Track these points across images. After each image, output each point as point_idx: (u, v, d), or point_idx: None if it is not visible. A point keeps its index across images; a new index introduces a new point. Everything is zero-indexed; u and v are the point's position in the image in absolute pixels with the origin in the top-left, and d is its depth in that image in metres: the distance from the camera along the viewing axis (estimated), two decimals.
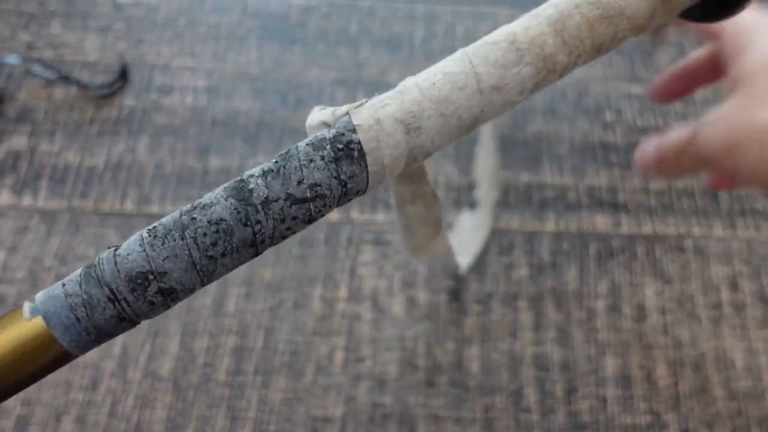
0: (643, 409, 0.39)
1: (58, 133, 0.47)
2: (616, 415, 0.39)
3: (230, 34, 0.52)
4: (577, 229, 0.45)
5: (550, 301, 0.42)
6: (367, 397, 0.39)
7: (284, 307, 0.42)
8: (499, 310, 0.42)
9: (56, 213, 0.44)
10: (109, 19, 0.52)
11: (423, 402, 0.39)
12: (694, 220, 0.45)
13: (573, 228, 0.45)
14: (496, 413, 0.39)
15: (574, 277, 0.43)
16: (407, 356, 0.40)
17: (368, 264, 0.43)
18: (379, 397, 0.39)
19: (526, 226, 0.45)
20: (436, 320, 0.42)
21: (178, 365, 0.40)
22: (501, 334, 0.41)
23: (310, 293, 0.42)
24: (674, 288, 0.43)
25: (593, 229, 0.45)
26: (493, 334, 0.41)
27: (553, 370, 0.40)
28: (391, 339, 0.41)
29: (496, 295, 0.42)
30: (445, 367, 0.40)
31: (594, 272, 0.43)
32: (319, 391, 0.39)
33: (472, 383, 0.39)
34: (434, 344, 0.41)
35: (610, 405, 0.39)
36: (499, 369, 0.40)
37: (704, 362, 0.41)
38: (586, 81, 0.50)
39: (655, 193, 0.46)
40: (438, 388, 0.39)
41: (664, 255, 0.44)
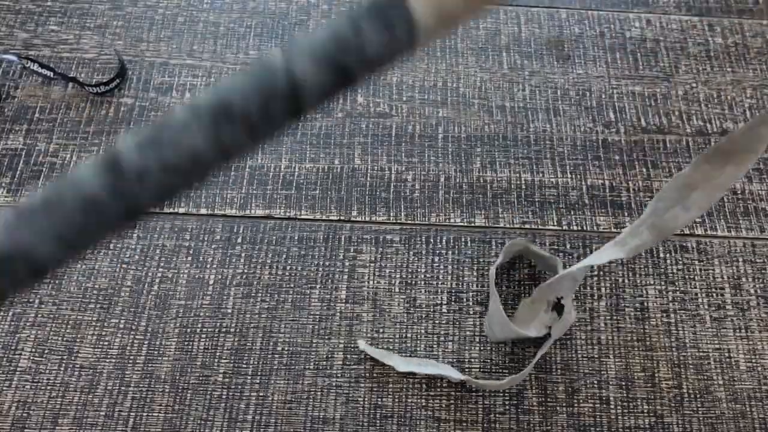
0: (645, 411, 0.39)
1: (56, 132, 0.47)
2: (618, 417, 0.38)
3: (229, 32, 0.52)
4: (579, 228, 0.44)
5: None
6: (367, 399, 0.39)
7: (283, 308, 0.41)
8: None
9: None
10: (107, 17, 0.52)
11: (423, 403, 0.39)
12: (698, 220, 0.45)
13: (575, 227, 0.44)
14: (497, 415, 0.38)
15: None
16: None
17: (368, 264, 0.43)
18: (379, 399, 0.39)
19: (527, 226, 0.44)
20: (436, 320, 0.41)
21: (176, 366, 0.39)
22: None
23: (310, 294, 0.42)
24: (677, 288, 0.42)
25: (595, 228, 0.44)
26: None
27: (555, 371, 0.40)
28: (391, 339, 0.40)
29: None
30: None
31: (596, 272, 0.43)
32: (319, 393, 0.39)
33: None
34: (434, 344, 0.40)
35: (612, 407, 0.39)
36: (500, 370, 0.40)
37: (707, 363, 0.40)
38: (589, 80, 0.50)
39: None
40: (438, 389, 0.39)
41: (667, 255, 0.43)
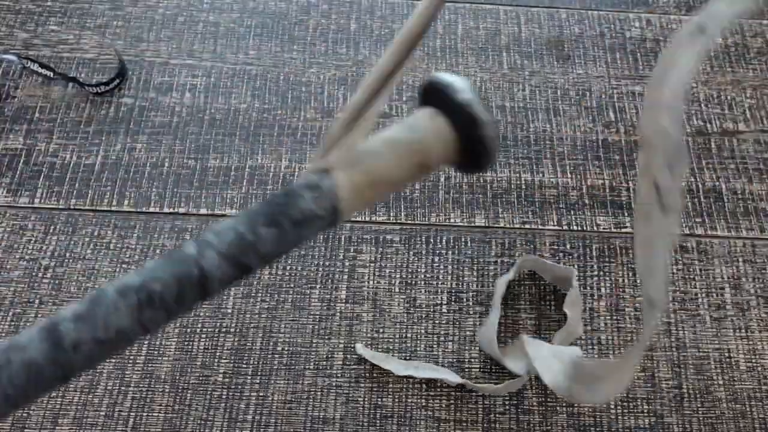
0: (645, 411, 0.39)
1: (56, 132, 0.47)
2: (618, 417, 0.38)
3: (229, 32, 0.52)
4: (579, 228, 0.44)
5: (552, 302, 0.42)
6: (367, 399, 0.39)
7: (283, 308, 0.41)
8: (500, 310, 0.41)
9: (53, 212, 0.44)
10: (107, 17, 0.52)
11: (423, 404, 0.39)
12: (698, 220, 0.45)
13: (575, 227, 0.44)
14: (497, 415, 0.38)
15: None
16: (407, 357, 0.40)
17: (368, 264, 0.43)
18: (379, 399, 0.39)
19: (527, 226, 0.44)
20: (436, 320, 0.41)
21: (176, 366, 0.39)
22: (502, 334, 0.41)
23: (310, 294, 0.42)
24: (677, 288, 0.42)
25: (595, 228, 0.44)
26: None
27: None
28: (391, 339, 0.40)
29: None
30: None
31: (596, 272, 0.43)
32: (319, 393, 0.39)
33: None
34: (434, 344, 0.40)
35: (612, 407, 0.39)
36: (500, 370, 0.40)
37: (707, 363, 0.40)
38: (589, 80, 0.50)
39: None
40: (438, 389, 0.39)
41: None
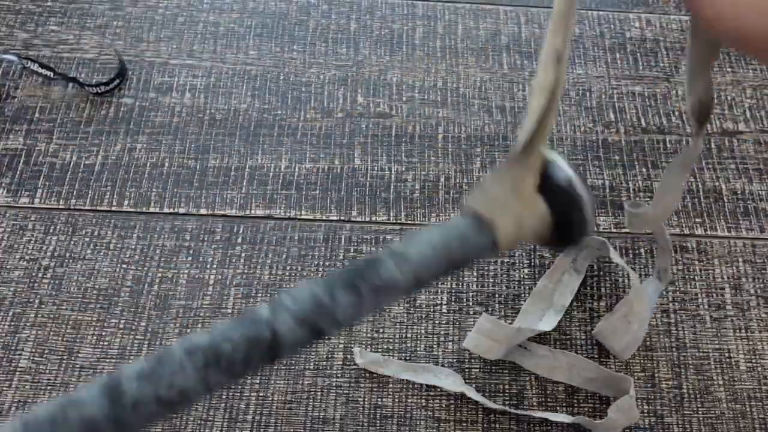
0: (645, 411, 0.39)
1: (56, 132, 0.47)
2: None
3: (229, 33, 0.52)
4: None
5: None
6: (367, 399, 0.39)
7: None
8: (501, 310, 0.41)
9: (53, 213, 0.44)
10: (107, 17, 0.52)
11: (423, 404, 0.39)
12: (698, 220, 0.45)
13: None
14: (497, 415, 0.38)
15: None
16: (407, 357, 0.40)
17: None
18: (379, 399, 0.39)
19: None
20: (436, 320, 0.41)
21: None
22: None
23: None
24: (677, 288, 0.42)
25: (595, 228, 0.44)
26: None
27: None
28: (391, 339, 0.40)
29: (497, 295, 0.42)
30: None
31: (596, 272, 0.43)
32: (319, 393, 0.39)
33: (473, 385, 0.39)
34: (434, 344, 0.40)
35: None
36: (500, 370, 0.40)
37: (707, 363, 0.40)
38: (589, 79, 0.50)
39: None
40: (438, 389, 0.39)
41: None
